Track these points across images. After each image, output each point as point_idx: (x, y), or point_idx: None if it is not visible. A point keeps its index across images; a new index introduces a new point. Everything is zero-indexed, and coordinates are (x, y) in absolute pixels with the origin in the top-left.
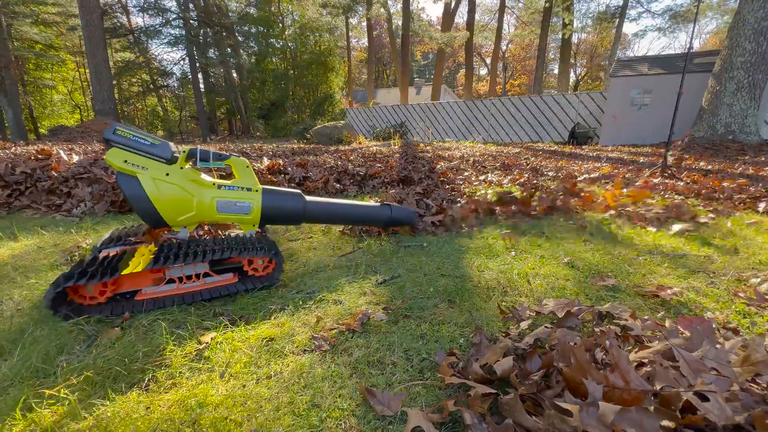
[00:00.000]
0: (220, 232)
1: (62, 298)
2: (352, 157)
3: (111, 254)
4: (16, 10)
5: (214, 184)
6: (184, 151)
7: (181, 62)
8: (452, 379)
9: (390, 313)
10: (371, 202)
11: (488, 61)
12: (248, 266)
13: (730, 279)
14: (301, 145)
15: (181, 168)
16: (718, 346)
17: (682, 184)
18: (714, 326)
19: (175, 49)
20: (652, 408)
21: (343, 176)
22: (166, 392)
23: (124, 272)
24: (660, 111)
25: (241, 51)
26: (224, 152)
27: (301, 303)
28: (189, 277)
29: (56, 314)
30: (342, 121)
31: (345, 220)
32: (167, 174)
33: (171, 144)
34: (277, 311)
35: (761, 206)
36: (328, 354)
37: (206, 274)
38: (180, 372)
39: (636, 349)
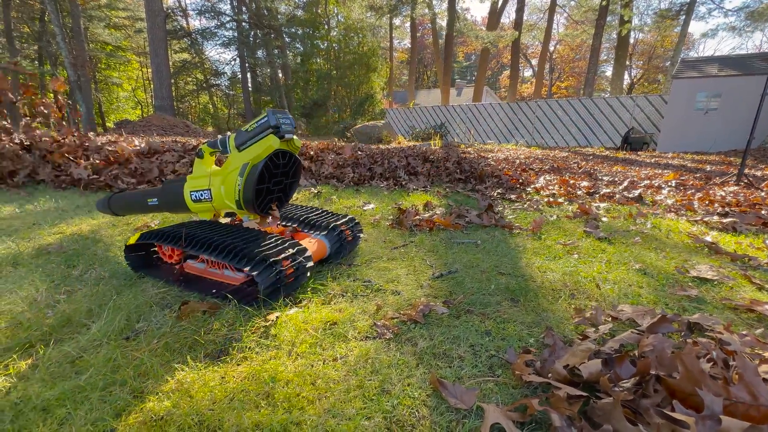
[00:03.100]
0: None
1: None
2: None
3: None
4: (92, 14)
5: None
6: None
7: (232, 62)
8: (532, 378)
9: (451, 306)
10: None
11: (534, 62)
12: None
13: None
14: (343, 143)
15: None
16: None
17: (763, 193)
18: None
19: (227, 50)
20: None
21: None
22: (239, 365)
23: None
24: (730, 116)
25: (288, 52)
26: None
27: (359, 291)
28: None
29: None
30: (382, 121)
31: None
32: None
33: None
34: (336, 297)
35: None
36: (391, 342)
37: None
38: (249, 347)
39: (757, 362)
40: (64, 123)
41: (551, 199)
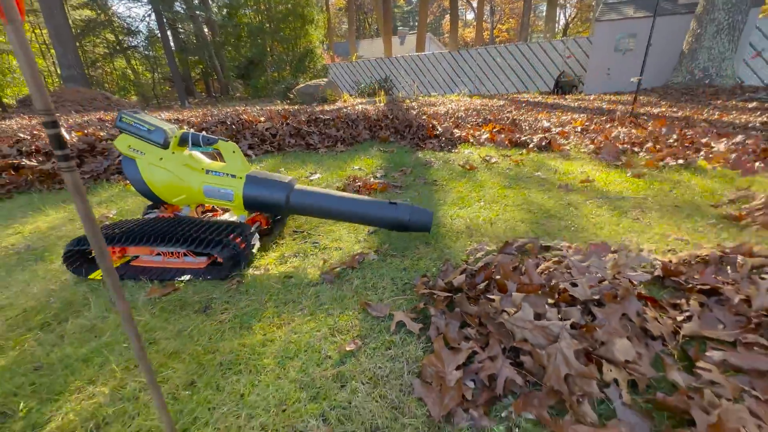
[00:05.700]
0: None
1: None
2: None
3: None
4: None
5: (203, 169)
6: (175, 136)
7: (147, 19)
8: (424, 291)
9: (380, 253)
10: (377, 199)
11: (475, 4)
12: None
13: (653, 217)
14: (286, 107)
15: (173, 153)
16: (603, 258)
17: (647, 132)
18: (613, 248)
19: (137, 4)
20: (541, 292)
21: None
22: (222, 313)
23: None
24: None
25: (211, 3)
26: (213, 136)
27: (309, 251)
28: (172, 254)
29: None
30: (325, 79)
31: (338, 217)
32: (161, 159)
33: (168, 129)
34: (290, 257)
35: (701, 155)
36: (334, 283)
37: (186, 254)
38: (228, 300)
39: (547, 261)
40: None
41: (478, 154)
